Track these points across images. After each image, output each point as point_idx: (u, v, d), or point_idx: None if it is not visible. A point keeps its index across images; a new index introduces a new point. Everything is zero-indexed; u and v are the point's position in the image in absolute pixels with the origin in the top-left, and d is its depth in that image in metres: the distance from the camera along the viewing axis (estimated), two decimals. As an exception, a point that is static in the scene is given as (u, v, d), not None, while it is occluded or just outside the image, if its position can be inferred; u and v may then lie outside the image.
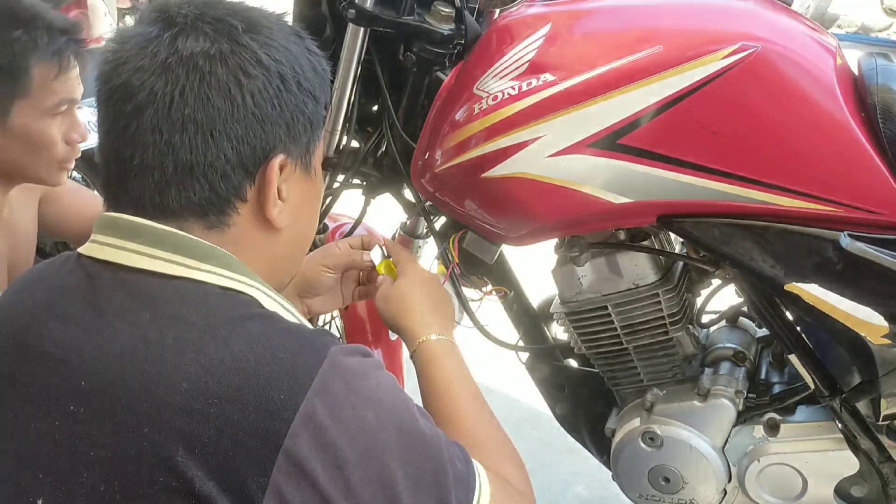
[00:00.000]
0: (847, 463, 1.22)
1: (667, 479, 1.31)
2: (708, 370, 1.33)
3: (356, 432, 0.72)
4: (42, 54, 1.25)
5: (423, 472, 0.76)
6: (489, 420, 1.00)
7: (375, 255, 1.18)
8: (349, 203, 1.45)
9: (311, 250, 1.40)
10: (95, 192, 1.84)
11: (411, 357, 1.06)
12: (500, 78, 1.08)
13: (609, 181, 1.07)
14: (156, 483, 0.68)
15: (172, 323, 0.73)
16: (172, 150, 0.76)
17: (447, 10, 1.15)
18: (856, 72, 1.09)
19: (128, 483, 0.69)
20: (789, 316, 1.19)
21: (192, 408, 0.68)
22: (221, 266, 0.78)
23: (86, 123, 1.39)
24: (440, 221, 1.34)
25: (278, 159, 0.80)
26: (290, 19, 0.87)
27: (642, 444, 1.30)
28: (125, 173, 0.78)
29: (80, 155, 1.39)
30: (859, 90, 1.05)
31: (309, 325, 0.82)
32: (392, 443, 0.74)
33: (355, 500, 0.71)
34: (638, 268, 1.22)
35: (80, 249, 0.81)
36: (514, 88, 1.07)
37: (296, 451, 0.68)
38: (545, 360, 1.46)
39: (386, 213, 1.48)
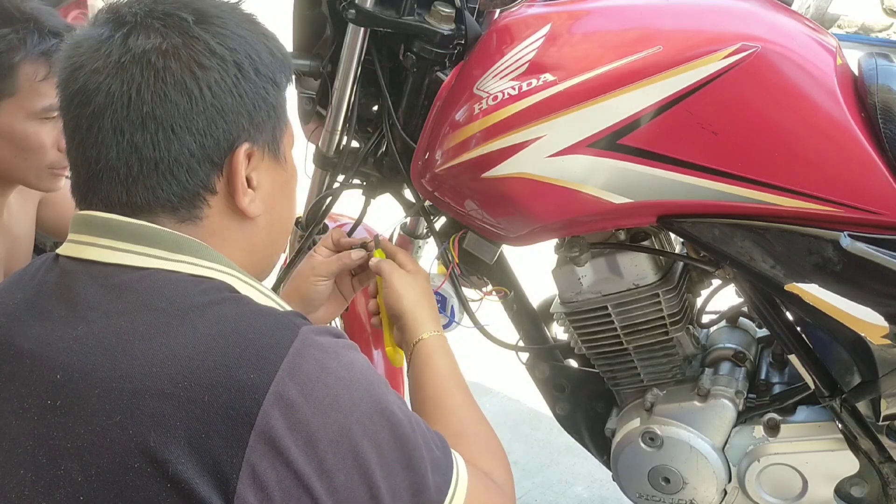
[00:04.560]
0: (847, 463, 1.22)
1: (667, 480, 1.31)
2: (708, 370, 1.33)
3: (329, 411, 0.72)
4: (29, 53, 1.25)
5: (396, 453, 0.76)
6: (477, 416, 1.01)
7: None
8: (349, 203, 1.45)
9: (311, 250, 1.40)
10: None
11: (408, 353, 1.07)
12: (500, 78, 1.08)
13: (609, 181, 1.07)
14: (131, 469, 0.68)
15: (143, 311, 0.73)
16: (135, 148, 0.76)
17: (447, 10, 1.15)
18: (856, 72, 1.09)
19: (104, 471, 0.69)
20: (789, 316, 1.19)
21: (162, 392, 0.69)
22: (193, 255, 0.78)
23: None
24: (440, 221, 1.34)
25: (243, 148, 0.80)
26: (245, 6, 0.86)
27: (642, 445, 1.30)
28: (93, 175, 0.79)
29: None
30: (859, 90, 1.05)
31: (284, 307, 0.82)
32: (365, 422, 0.74)
33: (330, 478, 0.71)
34: (638, 268, 1.22)
35: (59, 250, 0.82)
36: (514, 89, 1.07)
37: (268, 430, 0.68)
38: (545, 360, 1.46)
39: (386, 213, 1.48)
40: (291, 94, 0.89)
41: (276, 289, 1.36)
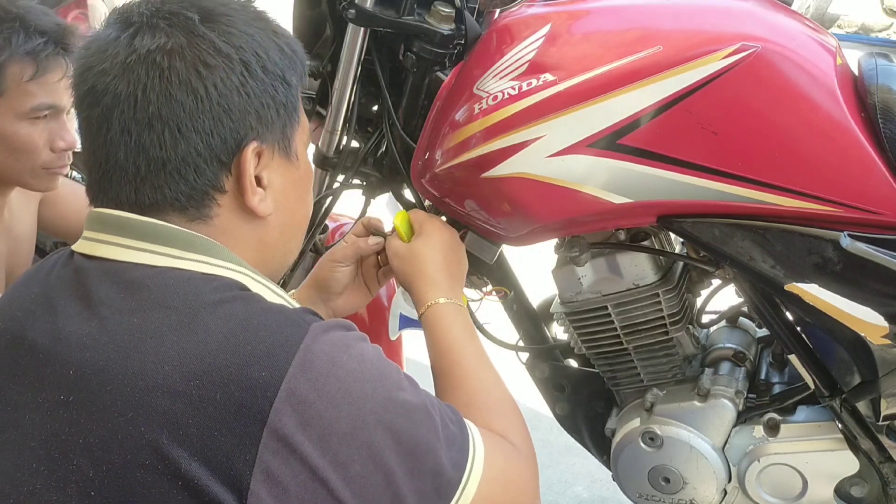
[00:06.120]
0: (847, 463, 1.22)
1: (667, 480, 1.31)
2: (708, 370, 1.33)
3: (341, 404, 0.72)
4: (14, 53, 1.25)
5: (412, 439, 0.77)
6: (491, 380, 1.00)
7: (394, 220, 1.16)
8: (349, 203, 1.45)
9: (313, 251, 1.41)
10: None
11: (419, 318, 1.06)
12: (500, 78, 1.08)
13: (609, 181, 1.07)
14: (142, 466, 0.68)
15: (155, 309, 0.74)
16: (143, 148, 0.77)
17: (447, 10, 1.15)
18: (856, 72, 1.09)
19: (115, 468, 0.69)
20: (789, 316, 1.19)
21: (174, 390, 0.69)
22: (205, 254, 0.79)
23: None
24: (440, 221, 1.34)
25: (251, 147, 0.80)
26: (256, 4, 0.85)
27: (642, 444, 1.30)
28: (103, 175, 0.79)
29: (72, 161, 1.39)
30: (859, 90, 1.05)
31: (294, 305, 0.82)
32: (380, 412, 0.75)
33: (345, 469, 0.72)
34: (638, 268, 1.22)
35: (73, 246, 0.82)
36: (514, 88, 1.07)
37: (280, 427, 0.69)
38: (545, 360, 1.46)
39: (386, 213, 1.48)
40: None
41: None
